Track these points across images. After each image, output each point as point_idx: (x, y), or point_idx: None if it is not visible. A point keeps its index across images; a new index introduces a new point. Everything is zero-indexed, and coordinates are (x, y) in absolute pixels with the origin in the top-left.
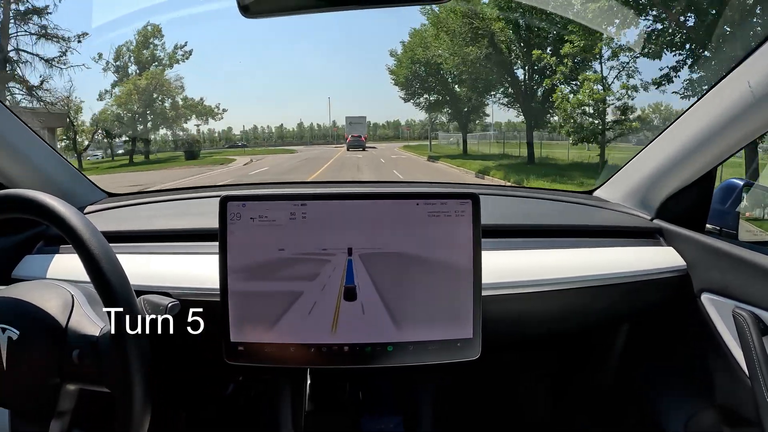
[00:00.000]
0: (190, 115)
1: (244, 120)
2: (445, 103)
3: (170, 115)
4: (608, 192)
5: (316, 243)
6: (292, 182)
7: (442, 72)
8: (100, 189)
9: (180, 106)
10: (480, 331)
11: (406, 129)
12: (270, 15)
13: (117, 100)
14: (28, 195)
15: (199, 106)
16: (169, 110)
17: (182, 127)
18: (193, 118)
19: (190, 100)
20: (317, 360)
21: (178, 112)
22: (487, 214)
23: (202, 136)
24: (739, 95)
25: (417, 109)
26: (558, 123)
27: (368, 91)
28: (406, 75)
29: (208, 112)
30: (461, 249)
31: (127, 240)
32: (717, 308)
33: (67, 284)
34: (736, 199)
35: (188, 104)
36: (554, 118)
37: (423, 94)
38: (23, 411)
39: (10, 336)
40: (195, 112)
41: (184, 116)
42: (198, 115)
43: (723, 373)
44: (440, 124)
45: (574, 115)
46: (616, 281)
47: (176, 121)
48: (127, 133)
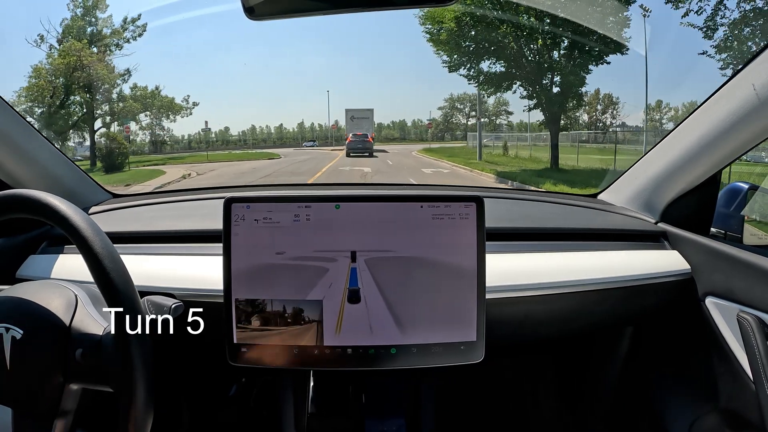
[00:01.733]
0: (139, 109)
1: (243, 120)
2: (523, 80)
3: (111, 108)
4: (613, 195)
5: (319, 245)
6: (297, 184)
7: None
8: (104, 189)
9: (128, 97)
10: (484, 334)
11: (429, 126)
12: (274, 17)
13: (28, 90)
14: (33, 195)
15: (155, 99)
16: (105, 101)
17: (142, 125)
18: (155, 112)
19: (140, 89)
20: (320, 362)
21: (125, 105)
22: (492, 217)
23: (165, 136)
24: (743, 98)
25: (469, 83)
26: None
27: (372, 87)
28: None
29: (170, 106)
30: (465, 252)
31: (131, 241)
32: (721, 312)
33: (71, 284)
34: (740, 202)
35: (139, 95)
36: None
37: (480, 60)
38: (27, 410)
39: (13, 335)
40: (145, 104)
41: (131, 110)
42: (153, 108)
43: (727, 377)
44: (509, 125)
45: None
46: (621, 285)
47: (118, 115)
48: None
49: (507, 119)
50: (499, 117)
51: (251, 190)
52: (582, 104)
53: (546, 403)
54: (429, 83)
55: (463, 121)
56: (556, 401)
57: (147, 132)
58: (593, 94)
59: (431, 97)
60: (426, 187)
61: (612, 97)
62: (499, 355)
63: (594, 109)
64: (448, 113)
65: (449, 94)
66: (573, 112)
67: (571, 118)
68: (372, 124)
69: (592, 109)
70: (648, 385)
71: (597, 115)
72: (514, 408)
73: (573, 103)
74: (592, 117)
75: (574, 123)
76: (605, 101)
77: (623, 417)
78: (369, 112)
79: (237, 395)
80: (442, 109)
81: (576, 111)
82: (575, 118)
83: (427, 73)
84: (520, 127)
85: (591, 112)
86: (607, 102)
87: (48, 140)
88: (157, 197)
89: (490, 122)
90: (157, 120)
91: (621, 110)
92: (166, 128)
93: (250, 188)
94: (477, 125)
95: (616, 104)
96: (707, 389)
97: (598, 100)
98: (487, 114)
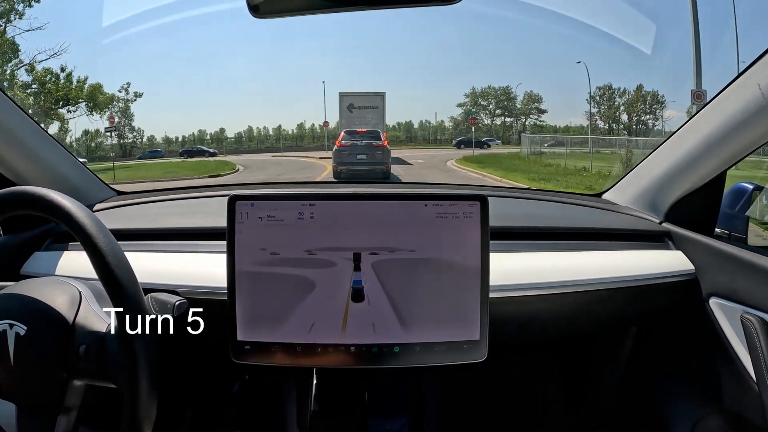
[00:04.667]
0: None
1: (241, 121)
2: None
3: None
4: (617, 195)
5: (324, 243)
6: (302, 182)
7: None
8: (109, 187)
9: (17, 85)
10: (487, 333)
11: (472, 122)
12: (279, 15)
13: None
14: (38, 192)
15: (53, 84)
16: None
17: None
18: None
19: (41, 73)
20: (324, 360)
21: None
22: (496, 216)
23: (93, 136)
24: (749, 98)
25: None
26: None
27: (376, 86)
28: None
29: (77, 94)
30: (469, 250)
31: (135, 238)
32: (725, 313)
33: (75, 281)
34: (745, 203)
35: (41, 77)
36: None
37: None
38: (30, 406)
39: (17, 331)
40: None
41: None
42: (51, 97)
43: (730, 378)
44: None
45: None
46: (624, 284)
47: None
48: None
49: (539, 118)
50: (529, 116)
51: (256, 188)
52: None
53: (549, 403)
54: (437, 82)
55: (486, 121)
56: (559, 401)
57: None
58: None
59: (441, 97)
60: (430, 185)
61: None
62: (502, 355)
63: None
64: (470, 111)
65: (470, 89)
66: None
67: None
68: (383, 116)
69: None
70: (651, 385)
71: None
72: (516, 407)
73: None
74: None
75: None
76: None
77: (626, 417)
78: (378, 98)
79: (240, 393)
80: (463, 106)
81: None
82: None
83: (435, 72)
84: (555, 130)
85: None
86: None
87: (53, 138)
88: (161, 195)
89: (517, 122)
90: (87, 112)
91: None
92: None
93: (254, 186)
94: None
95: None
96: (710, 390)
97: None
98: (514, 113)
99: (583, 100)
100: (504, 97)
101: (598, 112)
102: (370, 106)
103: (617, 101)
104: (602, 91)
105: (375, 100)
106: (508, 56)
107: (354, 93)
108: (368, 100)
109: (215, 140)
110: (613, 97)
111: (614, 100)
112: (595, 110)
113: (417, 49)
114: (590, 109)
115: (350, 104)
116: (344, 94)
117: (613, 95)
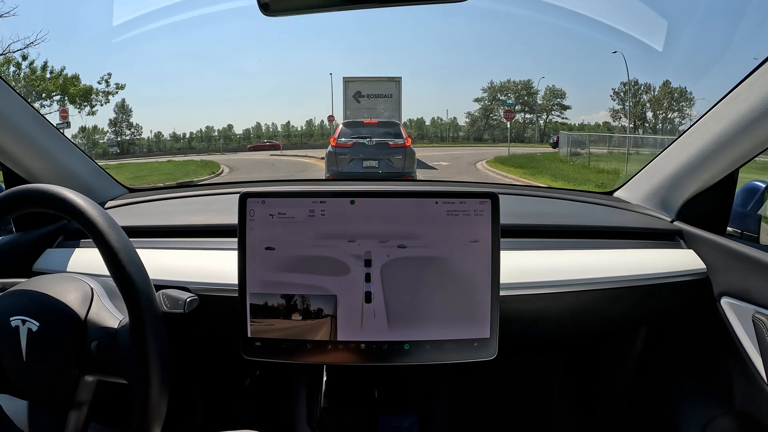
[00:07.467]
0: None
1: (248, 117)
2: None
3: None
4: (628, 193)
5: (334, 240)
6: (312, 180)
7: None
8: (120, 184)
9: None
10: (497, 332)
11: (508, 116)
12: (290, 13)
13: None
14: (50, 190)
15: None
16: None
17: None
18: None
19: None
20: (333, 357)
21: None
22: (506, 214)
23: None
24: (762, 95)
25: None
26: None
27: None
28: None
29: (47, 86)
30: (480, 248)
31: (147, 235)
32: (736, 313)
33: (87, 277)
34: (758, 201)
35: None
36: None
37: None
38: (42, 402)
39: (30, 327)
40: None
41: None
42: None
43: (741, 379)
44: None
45: None
46: (635, 283)
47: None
48: None
49: (561, 114)
50: (551, 113)
51: (266, 185)
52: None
53: (558, 403)
54: (449, 79)
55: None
56: (569, 401)
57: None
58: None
59: (453, 93)
60: (440, 183)
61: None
62: (512, 354)
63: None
64: (488, 106)
65: (488, 82)
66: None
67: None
68: (398, 107)
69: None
70: (661, 385)
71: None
72: (526, 407)
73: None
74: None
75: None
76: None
77: (635, 417)
78: (392, 84)
79: (251, 389)
80: (480, 101)
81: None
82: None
83: (447, 68)
84: (570, 128)
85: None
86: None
87: (64, 135)
88: (172, 192)
89: (538, 119)
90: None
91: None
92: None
93: (265, 183)
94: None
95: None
96: (721, 391)
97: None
98: (535, 109)
99: (606, 96)
100: (525, 91)
101: (622, 109)
102: (382, 94)
103: (642, 98)
104: (626, 87)
105: (388, 86)
106: (520, 52)
107: (362, 78)
108: (380, 86)
109: (223, 137)
110: (638, 93)
111: (639, 97)
112: (619, 107)
113: (428, 45)
114: (628, 101)
115: (357, 92)
116: (349, 80)
117: (638, 91)
